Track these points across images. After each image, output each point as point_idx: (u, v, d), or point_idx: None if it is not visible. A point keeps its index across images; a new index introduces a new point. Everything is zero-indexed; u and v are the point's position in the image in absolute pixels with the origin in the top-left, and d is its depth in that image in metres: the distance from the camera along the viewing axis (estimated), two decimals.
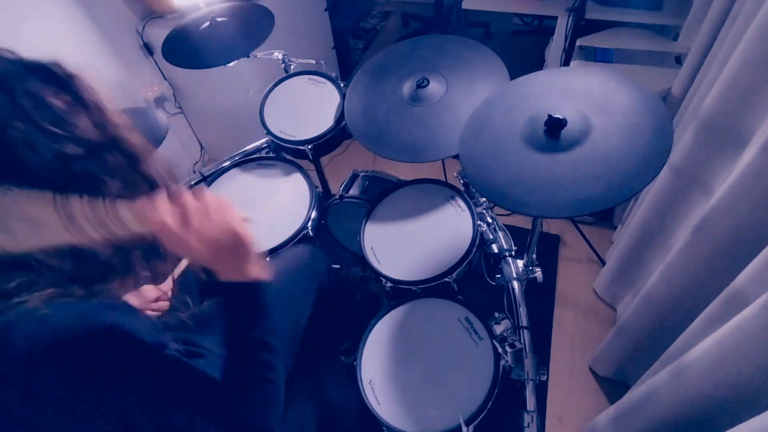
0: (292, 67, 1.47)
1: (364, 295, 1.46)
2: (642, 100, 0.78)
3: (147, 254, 0.59)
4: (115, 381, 0.52)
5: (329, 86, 1.40)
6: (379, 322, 1.06)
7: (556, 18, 1.74)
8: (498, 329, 0.99)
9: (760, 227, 0.80)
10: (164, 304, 0.90)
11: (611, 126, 0.78)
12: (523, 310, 1.06)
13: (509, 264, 1.12)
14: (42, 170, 0.49)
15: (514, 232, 1.22)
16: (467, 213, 1.14)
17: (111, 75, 1.77)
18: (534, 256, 1.10)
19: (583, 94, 0.84)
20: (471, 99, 1.06)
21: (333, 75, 1.41)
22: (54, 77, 0.54)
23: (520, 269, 1.11)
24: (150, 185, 0.60)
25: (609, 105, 0.80)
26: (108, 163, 0.55)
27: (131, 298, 0.86)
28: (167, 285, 0.92)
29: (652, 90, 0.79)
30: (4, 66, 0.52)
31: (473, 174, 0.85)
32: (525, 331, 1.02)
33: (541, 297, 1.61)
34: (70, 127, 0.52)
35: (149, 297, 0.88)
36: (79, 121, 0.53)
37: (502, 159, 0.83)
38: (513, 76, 1.01)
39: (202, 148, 2.36)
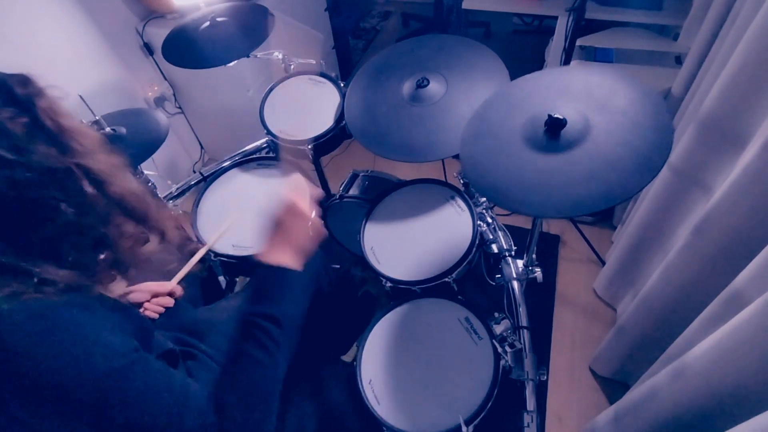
0: (292, 67, 1.47)
1: (364, 295, 1.46)
2: (642, 99, 0.78)
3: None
4: (69, 380, 0.50)
5: (329, 86, 1.40)
6: (379, 322, 1.06)
7: (556, 18, 1.74)
8: (498, 329, 0.99)
9: (760, 227, 0.80)
10: (166, 301, 0.90)
11: (611, 125, 0.78)
12: (523, 310, 1.06)
13: (509, 264, 1.12)
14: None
15: (514, 232, 1.22)
16: (467, 213, 1.14)
17: (111, 75, 1.78)
18: (534, 256, 1.10)
19: (584, 93, 0.84)
20: (471, 99, 1.06)
21: (333, 75, 1.41)
22: (14, 98, 0.52)
23: (520, 269, 1.11)
24: (122, 208, 0.61)
25: (609, 104, 0.80)
26: (67, 189, 0.54)
27: (135, 294, 0.87)
28: (171, 284, 0.92)
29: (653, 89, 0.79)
30: None
31: (474, 174, 0.85)
32: (525, 331, 1.02)
33: (541, 297, 1.61)
34: (25, 153, 0.51)
35: (152, 290, 0.88)
36: (37, 146, 0.52)
37: (503, 159, 0.83)
38: (513, 76, 1.01)
39: (202, 148, 2.36)
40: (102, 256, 0.59)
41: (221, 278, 1.30)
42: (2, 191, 0.49)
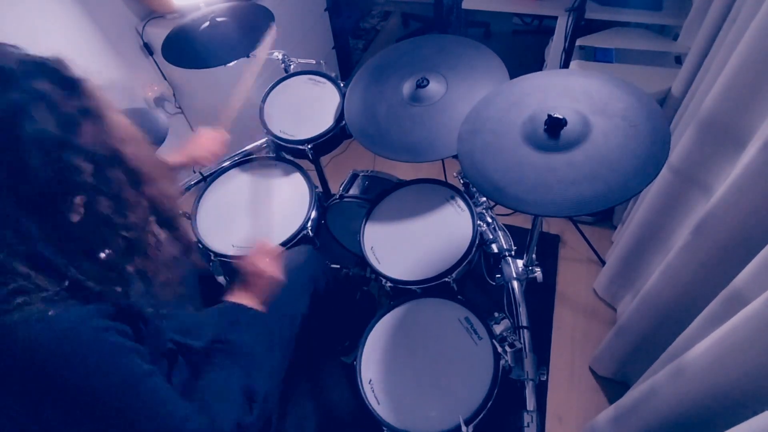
0: (292, 67, 1.47)
1: (364, 295, 1.46)
2: (639, 104, 0.79)
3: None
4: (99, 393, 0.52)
5: (329, 86, 1.40)
6: (379, 322, 1.06)
7: (556, 18, 1.74)
8: (498, 329, 0.99)
9: (760, 227, 0.80)
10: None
11: (610, 128, 0.78)
12: (523, 310, 1.06)
13: (509, 264, 1.12)
14: (43, 175, 0.48)
15: (514, 232, 1.22)
16: (467, 213, 1.14)
17: (111, 75, 1.77)
18: (534, 255, 1.10)
19: (582, 95, 0.84)
20: (471, 99, 1.06)
21: (333, 75, 1.41)
22: (64, 80, 0.53)
23: (520, 269, 1.11)
24: (155, 212, 0.62)
25: (608, 107, 0.80)
26: (108, 180, 0.54)
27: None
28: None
29: (650, 92, 0.79)
30: (11, 63, 0.50)
31: (471, 171, 0.85)
32: (525, 330, 1.02)
33: (541, 297, 1.61)
34: (74, 136, 0.51)
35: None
36: (84, 129, 0.52)
37: (502, 156, 0.83)
38: (513, 76, 1.01)
39: None
40: (131, 267, 0.59)
41: (221, 278, 1.30)
42: (47, 175, 0.49)
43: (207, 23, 1.37)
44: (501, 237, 1.18)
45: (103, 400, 0.53)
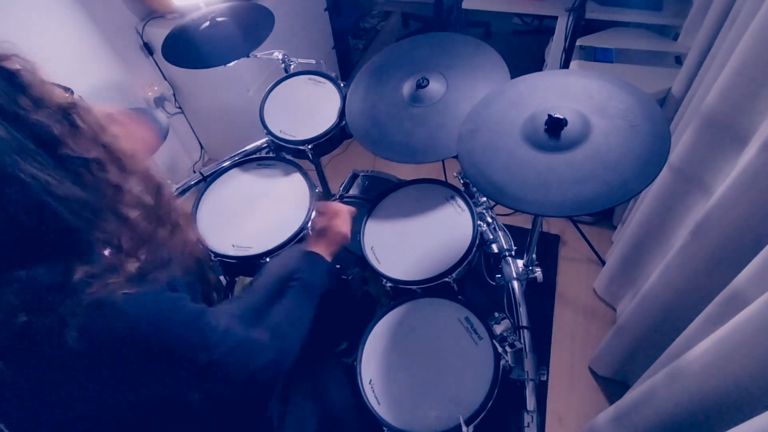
0: (292, 67, 1.47)
1: (364, 295, 1.46)
2: (640, 104, 0.79)
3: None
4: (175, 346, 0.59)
5: (329, 86, 1.40)
6: (379, 322, 1.06)
7: (556, 18, 1.74)
8: (498, 329, 0.99)
9: (760, 227, 0.80)
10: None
11: (611, 128, 0.78)
12: (523, 310, 1.06)
13: (509, 264, 1.12)
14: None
15: (514, 231, 1.22)
16: (467, 213, 1.14)
17: (111, 75, 1.78)
18: (534, 255, 1.10)
19: (583, 95, 0.84)
20: (471, 98, 1.06)
21: (333, 75, 1.41)
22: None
23: (520, 269, 1.11)
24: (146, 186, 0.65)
25: (608, 107, 0.80)
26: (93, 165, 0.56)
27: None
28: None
29: (650, 92, 0.79)
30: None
31: (472, 171, 0.85)
32: (525, 330, 1.02)
33: (541, 297, 1.61)
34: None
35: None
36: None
37: (502, 156, 0.83)
38: (513, 75, 1.01)
39: (202, 148, 2.36)
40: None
41: (221, 278, 1.30)
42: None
43: (207, 23, 1.37)
44: (501, 237, 1.18)
45: (191, 352, 0.59)
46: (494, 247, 1.15)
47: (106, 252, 0.57)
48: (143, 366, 0.57)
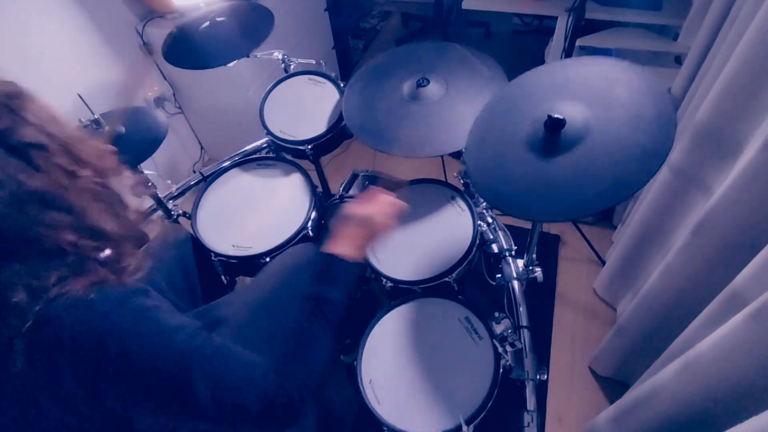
0: (292, 67, 1.47)
1: (364, 294, 1.46)
2: (643, 90, 0.77)
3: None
4: (158, 362, 0.54)
5: (329, 86, 1.40)
6: (380, 322, 1.06)
7: (556, 18, 1.74)
8: (498, 329, 0.99)
9: (760, 227, 0.80)
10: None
11: (612, 119, 0.76)
12: (523, 310, 1.06)
13: (509, 264, 1.12)
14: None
15: (514, 231, 1.22)
16: (467, 213, 1.14)
17: (111, 75, 1.78)
18: (534, 255, 1.10)
19: (584, 86, 0.83)
20: (471, 98, 1.06)
21: (333, 75, 1.41)
22: None
23: (520, 269, 1.11)
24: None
25: (610, 96, 0.79)
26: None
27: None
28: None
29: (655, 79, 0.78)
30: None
31: (483, 185, 0.85)
32: (525, 330, 1.02)
33: (541, 297, 1.61)
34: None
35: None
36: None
37: (507, 166, 0.83)
38: (513, 76, 1.01)
39: (202, 148, 2.36)
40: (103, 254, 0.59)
41: (221, 278, 1.30)
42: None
43: (207, 23, 1.37)
44: (501, 237, 1.18)
45: (160, 364, 0.54)
46: (494, 247, 1.15)
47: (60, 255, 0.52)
48: (108, 386, 0.52)
